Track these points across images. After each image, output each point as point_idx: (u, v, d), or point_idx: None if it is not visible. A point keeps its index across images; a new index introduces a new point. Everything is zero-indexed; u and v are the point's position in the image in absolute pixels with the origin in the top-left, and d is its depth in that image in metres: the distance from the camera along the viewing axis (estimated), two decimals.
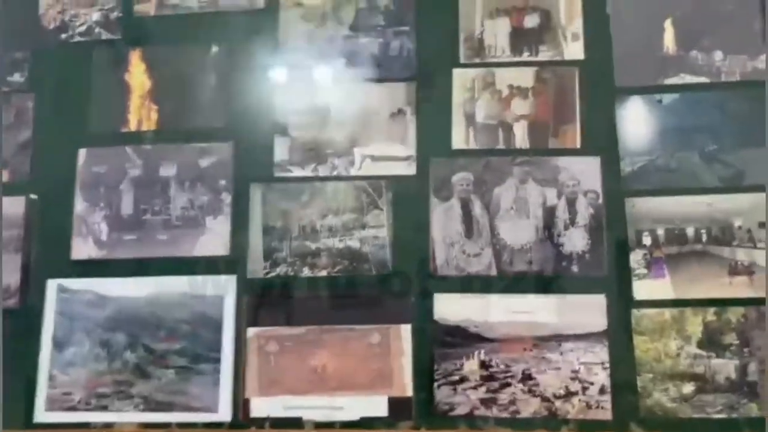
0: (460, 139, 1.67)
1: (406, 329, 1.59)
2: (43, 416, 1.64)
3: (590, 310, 1.55)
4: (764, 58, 1.63)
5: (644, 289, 1.56)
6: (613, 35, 1.67)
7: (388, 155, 1.68)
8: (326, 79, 1.73)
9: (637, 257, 1.57)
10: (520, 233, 1.62)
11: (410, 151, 1.67)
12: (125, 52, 1.80)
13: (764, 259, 1.54)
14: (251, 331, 1.62)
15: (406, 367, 1.57)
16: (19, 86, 1.81)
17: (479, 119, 1.67)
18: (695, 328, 1.53)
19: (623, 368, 1.53)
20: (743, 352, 1.51)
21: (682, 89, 1.64)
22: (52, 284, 1.69)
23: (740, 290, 1.54)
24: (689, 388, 1.51)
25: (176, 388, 1.62)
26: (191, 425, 1.59)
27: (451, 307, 1.58)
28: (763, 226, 1.56)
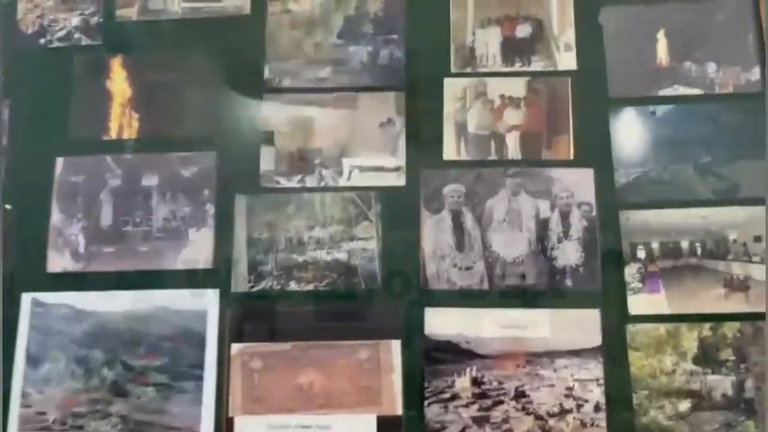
0: (451, 149, 1.64)
1: (395, 345, 1.55)
2: None
3: (584, 325, 1.53)
4: (758, 70, 1.62)
5: (639, 303, 1.53)
6: (606, 46, 1.66)
7: (377, 166, 1.64)
8: (314, 87, 1.69)
9: (631, 271, 1.55)
10: (512, 246, 1.59)
11: (400, 161, 1.64)
12: (106, 58, 1.75)
13: (759, 273, 1.52)
14: (235, 347, 1.58)
15: (395, 384, 1.53)
16: None
17: (471, 129, 1.65)
18: (691, 343, 1.51)
19: (618, 385, 1.50)
20: (740, 368, 1.50)
21: (675, 101, 1.63)
22: (26, 298, 1.64)
23: (736, 305, 1.52)
24: (685, 405, 1.49)
25: (156, 406, 1.57)
26: None
27: (442, 321, 1.55)
28: (758, 239, 1.54)
